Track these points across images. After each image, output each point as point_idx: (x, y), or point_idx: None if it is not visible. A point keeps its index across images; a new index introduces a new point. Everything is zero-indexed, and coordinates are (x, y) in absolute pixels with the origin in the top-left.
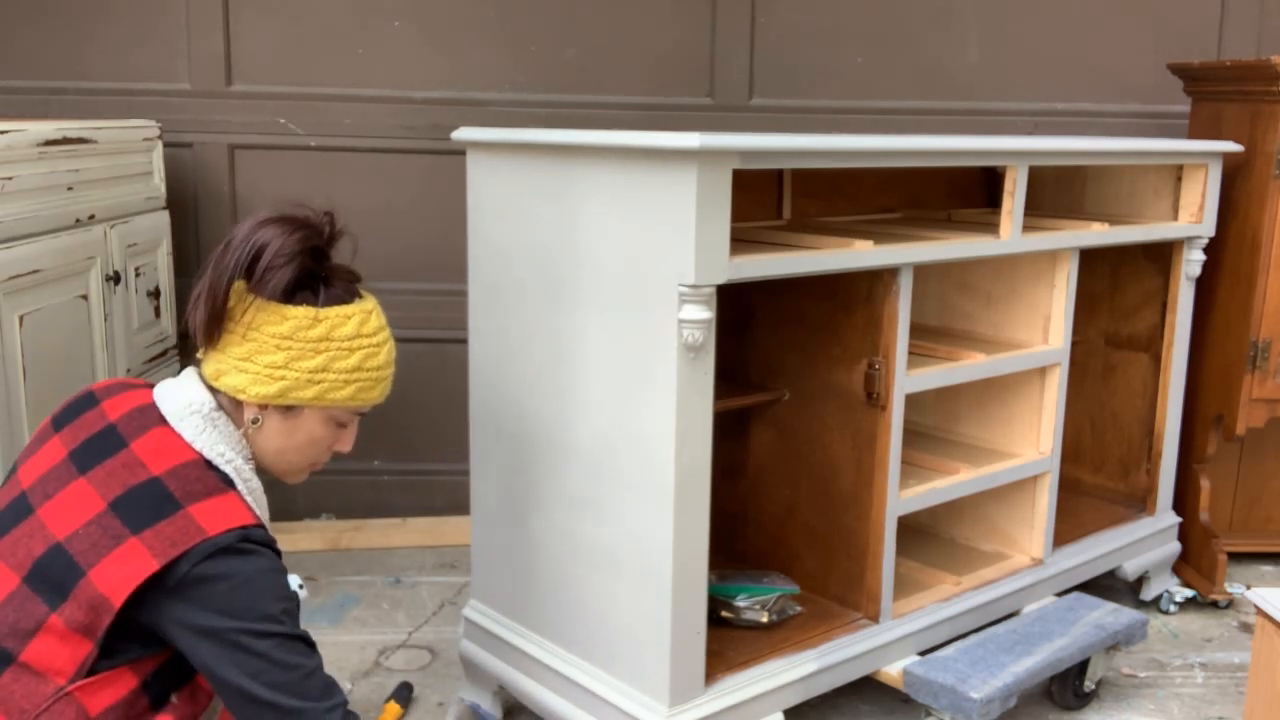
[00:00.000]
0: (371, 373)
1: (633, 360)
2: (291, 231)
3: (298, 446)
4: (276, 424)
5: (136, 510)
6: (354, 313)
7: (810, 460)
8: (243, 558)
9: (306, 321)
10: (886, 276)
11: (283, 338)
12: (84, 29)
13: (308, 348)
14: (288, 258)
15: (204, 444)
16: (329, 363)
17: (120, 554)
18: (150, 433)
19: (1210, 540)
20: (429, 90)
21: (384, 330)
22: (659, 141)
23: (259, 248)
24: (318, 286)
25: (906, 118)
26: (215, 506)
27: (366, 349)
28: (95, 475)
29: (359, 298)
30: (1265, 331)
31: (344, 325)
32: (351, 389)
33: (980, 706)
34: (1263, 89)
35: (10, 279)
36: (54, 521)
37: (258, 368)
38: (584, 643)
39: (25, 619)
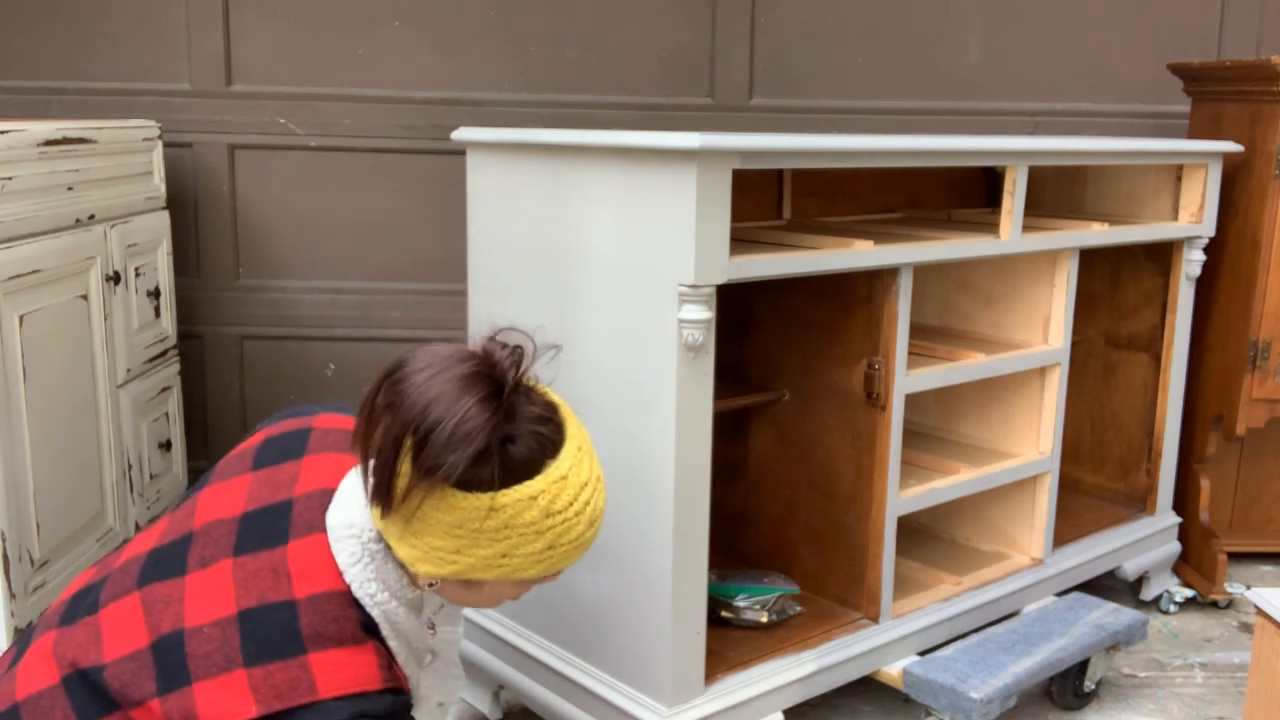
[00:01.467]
0: (565, 547)
1: (633, 360)
2: (471, 405)
3: (483, 600)
4: (457, 588)
5: (259, 636)
6: (542, 490)
7: (810, 460)
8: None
9: (480, 513)
10: (886, 276)
11: (454, 527)
12: (84, 29)
13: (484, 538)
14: (462, 448)
15: (354, 576)
16: (511, 550)
17: (226, 681)
18: (310, 538)
19: (1210, 540)
20: (429, 90)
21: (584, 490)
22: (659, 141)
23: (430, 425)
24: (499, 455)
25: (906, 118)
26: (341, 661)
27: (559, 528)
28: (244, 565)
29: (553, 455)
30: (1265, 331)
31: (528, 510)
32: (541, 567)
33: (980, 706)
34: (1263, 89)
35: (10, 279)
36: (192, 600)
37: (425, 548)
38: (584, 643)
39: (135, 689)
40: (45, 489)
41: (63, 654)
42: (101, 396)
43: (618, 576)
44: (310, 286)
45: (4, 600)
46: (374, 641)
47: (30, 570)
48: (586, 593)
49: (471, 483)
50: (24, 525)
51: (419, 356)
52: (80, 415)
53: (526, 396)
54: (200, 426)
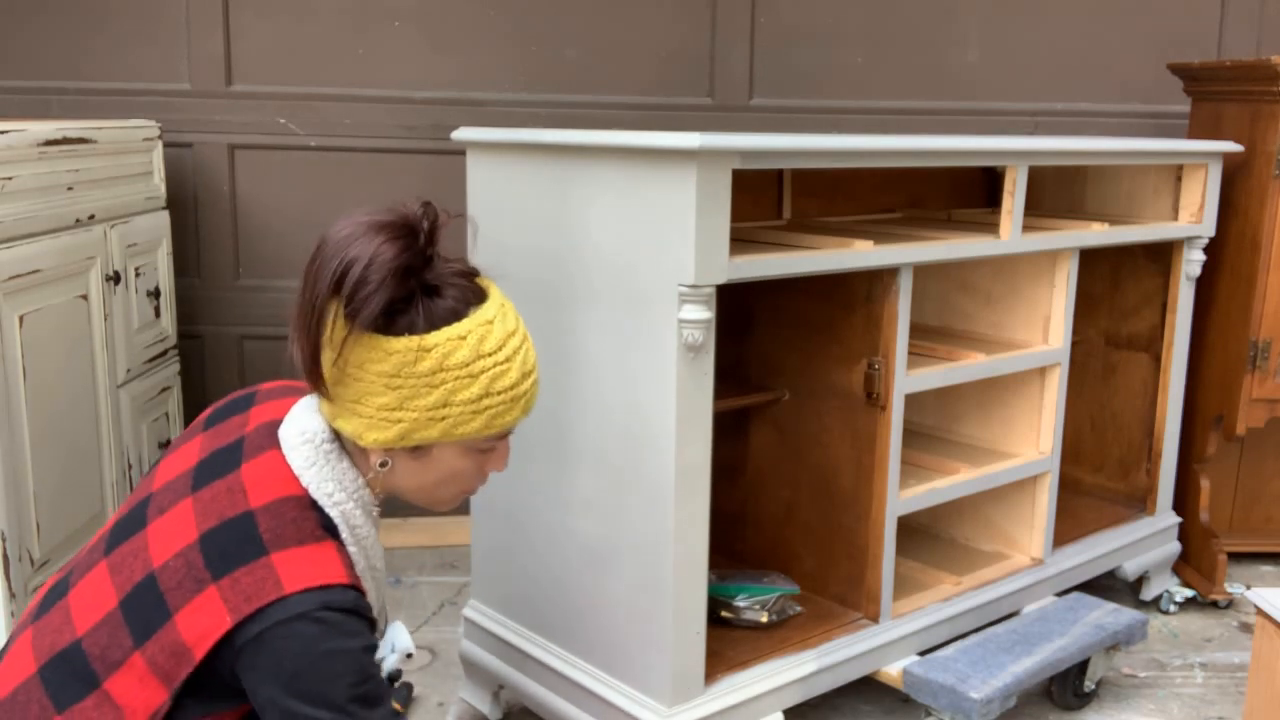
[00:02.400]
0: (502, 395)
1: (633, 360)
2: (382, 242)
3: (439, 482)
4: (408, 464)
5: (222, 550)
6: (469, 330)
7: (810, 460)
8: (315, 629)
9: (411, 355)
10: (886, 276)
11: (390, 376)
12: (84, 29)
13: (421, 384)
14: (379, 281)
15: (311, 479)
16: (449, 396)
17: (201, 602)
18: (263, 455)
19: (1210, 540)
20: (429, 90)
21: (512, 338)
22: (659, 141)
23: (346, 265)
24: (423, 303)
25: (906, 118)
26: (302, 557)
27: (491, 371)
28: (201, 497)
29: (478, 304)
30: (1265, 331)
31: (458, 350)
32: (482, 419)
33: (980, 706)
34: (1263, 89)
35: (10, 279)
36: (155, 544)
37: (370, 411)
38: (584, 643)
39: (114, 649)
40: (45, 489)
41: (39, 645)
42: (101, 396)
43: (617, 576)
44: None
45: (4, 600)
46: (334, 541)
47: (30, 570)
48: (586, 593)
49: (398, 326)
50: (24, 525)
51: (338, 222)
52: (80, 415)
53: (445, 258)
54: None
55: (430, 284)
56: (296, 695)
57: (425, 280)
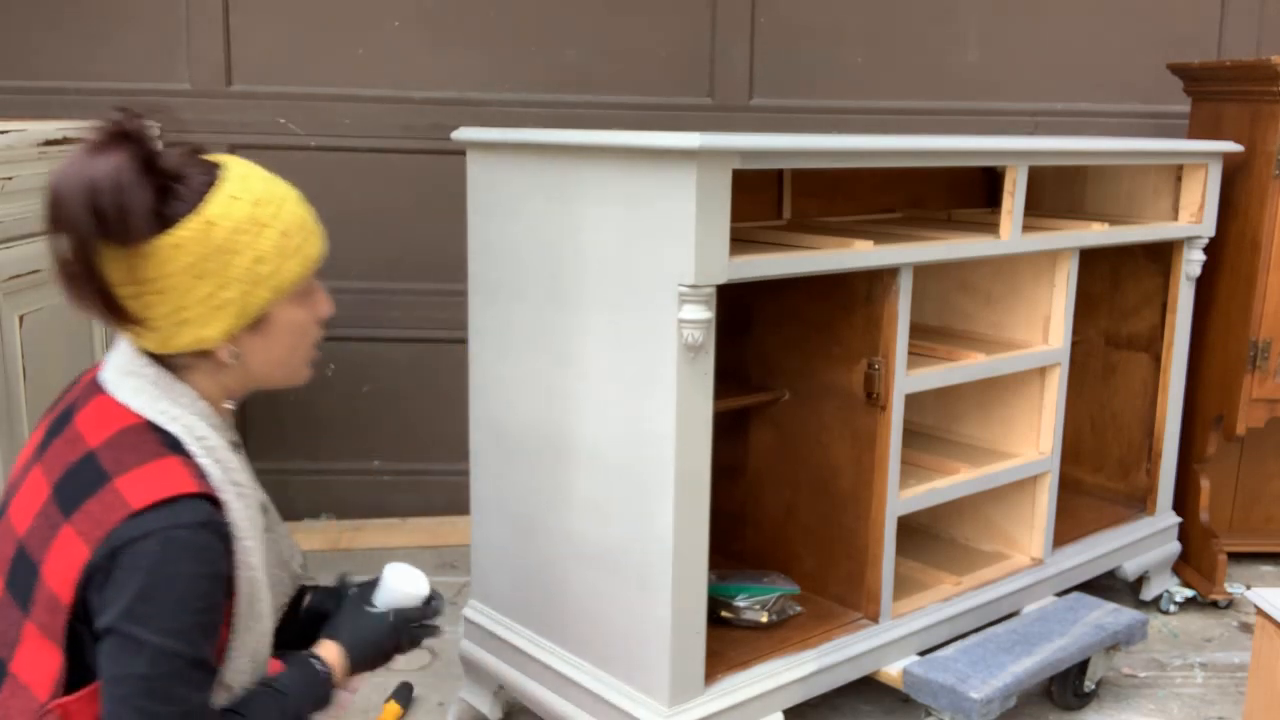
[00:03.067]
0: (296, 229)
1: (633, 360)
2: (106, 158)
3: (290, 345)
4: (256, 344)
5: (72, 491)
6: (230, 188)
7: (810, 460)
8: (165, 549)
9: (201, 233)
10: (886, 276)
11: (194, 264)
12: (84, 29)
13: (224, 255)
14: (129, 187)
15: (142, 404)
16: (255, 253)
17: (59, 544)
18: (92, 402)
19: (1210, 540)
20: (429, 90)
21: (268, 183)
22: (659, 141)
23: (90, 195)
24: (173, 192)
25: (906, 118)
26: (147, 474)
27: (273, 210)
28: (46, 459)
29: (217, 168)
30: (1265, 331)
31: (235, 208)
32: (296, 260)
33: (980, 706)
34: (1263, 89)
35: (10, 279)
36: (17, 517)
37: (196, 310)
38: (584, 643)
39: (10, 628)
40: None
41: None
42: None
43: (618, 576)
44: None
45: None
46: (179, 456)
47: None
48: (586, 593)
49: (170, 218)
50: None
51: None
52: None
53: (165, 149)
54: None
55: (171, 172)
56: (135, 619)
57: (165, 171)
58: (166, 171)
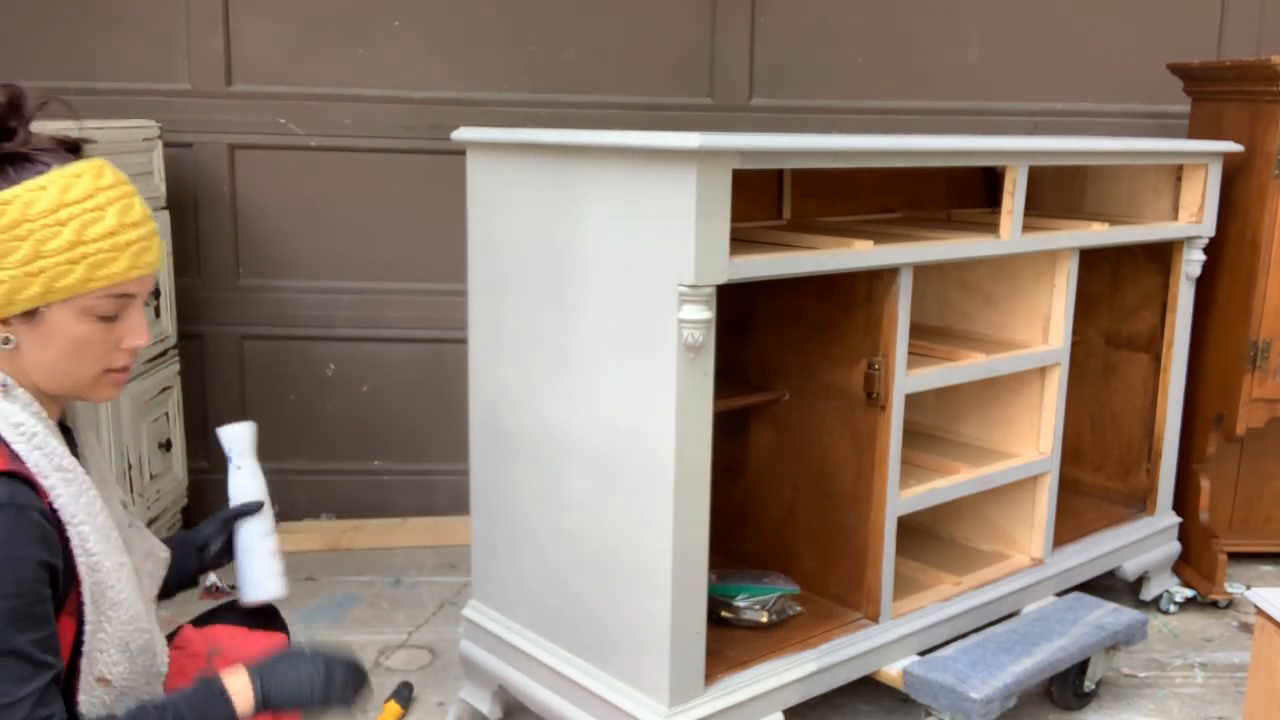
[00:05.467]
0: (98, 243)
1: (633, 360)
2: None
3: (66, 355)
4: (29, 338)
5: None
6: (51, 181)
7: (810, 460)
8: None
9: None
10: (886, 276)
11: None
12: (84, 29)
13: (8, 239)
14: None
15: None
16: (38, 248)
17: None
18: None
19: (1210, 540)
20: (429, 90)
21: (106, 191)
22: (659, 141)
23: None
24: (2, 169)
25: (906, 118)
26: None
27: (80, 218)
28: None
29: (58, 164)
30: (1265, 331)
31: (39, 199)
32: (81, 270)
33: (980, 706)
34: (1263, 89)
35: None
36: None
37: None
38: (584, 643)
39: None
40: None
41: None
42: None
43: (618, 576)
44: (310, 286)
45: None
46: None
47: None
48: (586, 593)
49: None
50: None
51: None
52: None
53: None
54: (200, 426)
55: (14, 153)
56: None
57: (6, 149)
58: (11, 150)
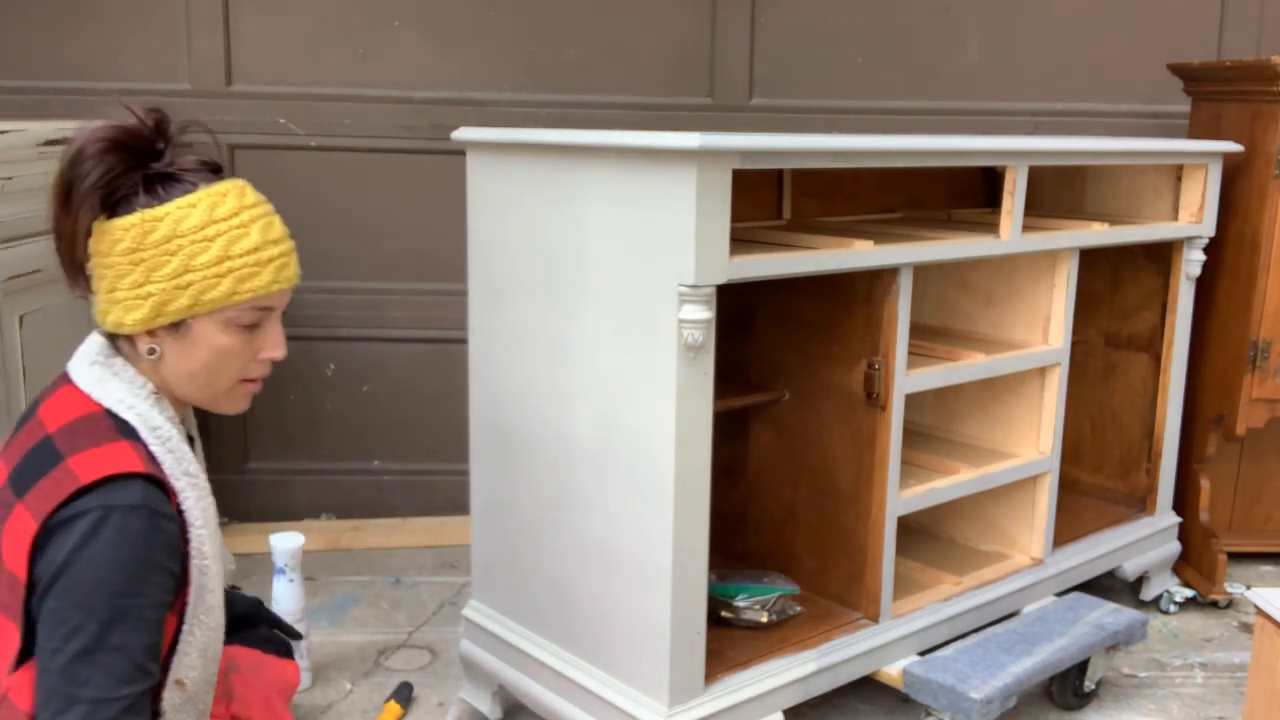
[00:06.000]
0: (244, 258)
1: (633, 360)
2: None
3: (207, 365)
4: (174, 348)
5: (26, 473)
6: (199, 199)
7: (810, 460)
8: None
9: (146, 225)
10: (886, 276)
11: (131, 252)
12: (84, 29)
13: (159, 254)
14: (94, 157)
15: (102, 393)
16: (188, 262)
17: (12, 522)
18: (58, 392)
19: (1210, 540)
20: (429, 90)
21: (248, 210)
22: (659, 141)
23: (66, 161)
24: (154, 187)
25: (906, 118)
26: (98, 455)
27: (227, 234)
28: (7, 450)
29: (205, 183)
30: (1265, 331)
31: (189, 216)
32: (228, 283)
33: (980, 706)
34: (1263, 89)
35: (10, 279)
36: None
37: (124, 293)
38: (584, 643)
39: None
40: None
41: None
42: None
43: (618, 576)
44: (310, 286)
45: None
46: (131, 441)
47: None
48: (586, 593)
49: (132, 206)
50: None
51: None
52: None
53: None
54: (200, 427)
55: (162, 172)
56: (59, 592)
57: (155, 169)
58: (157, 172)
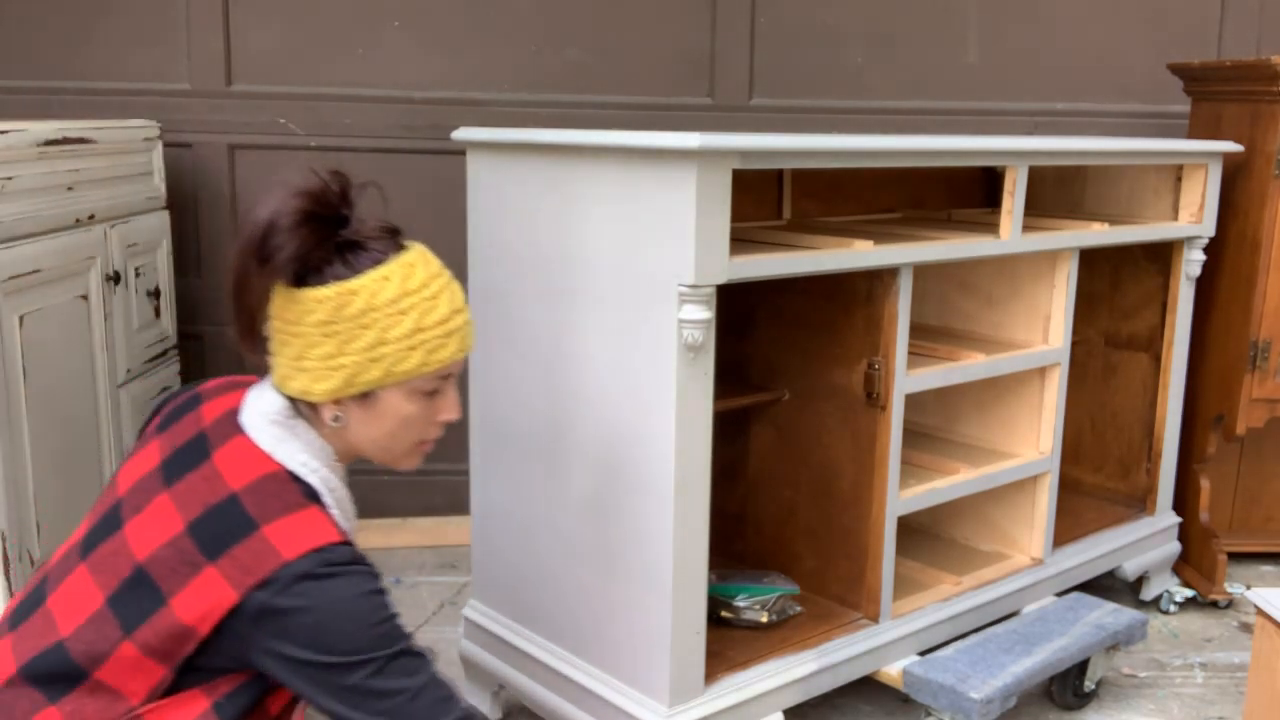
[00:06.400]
0: (434, 330)
1: (632, 360)
2: (287, 198)
3: (392, 432)
4: (359, 415)
5: (213, 533)
6: (392, 272)
7: (810, 460)
8: (323, 584)
9: (341, 299)
10: (886, 276)
11: (325, 324)
12: (84, 29)
13: (354, 326)
14: (288, 229)
15: (284, 454)
16: (382, 335)
17: (199, 583)
18: (232, 442)
19: (1210, 540)
20: (429, 90)
21: (437, 279)
22: (659, 141)
23: (257, 224)
24: (344, 256)
25: (906, 118)
26: (293, 525)
27: (419, 306)
28: (178, 490)
29: (396, 252)
30: (1265, 331)
31: (384, 289)
32: (418, 355)
33: (980, 706)
34: (1263, 89)
35: (10, 279)
36: (137, 540)
37: (313, 363)
38: (584, 643)
39: (101, 641)
40: (45, 489)
41: (20, 650)
42: (101, 397)
43: (618, 576)
44: None
45: (4, 600)
46: (317, 505)
47: (30, 570)
48: (586, 593)
49: (324, 277)
50: (24, 525)
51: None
52: (80, 415)
53: (365, 220)
54: None
55: (350, 240)
56: (321, 649)
57: (344, 236)
58: (345, 240)
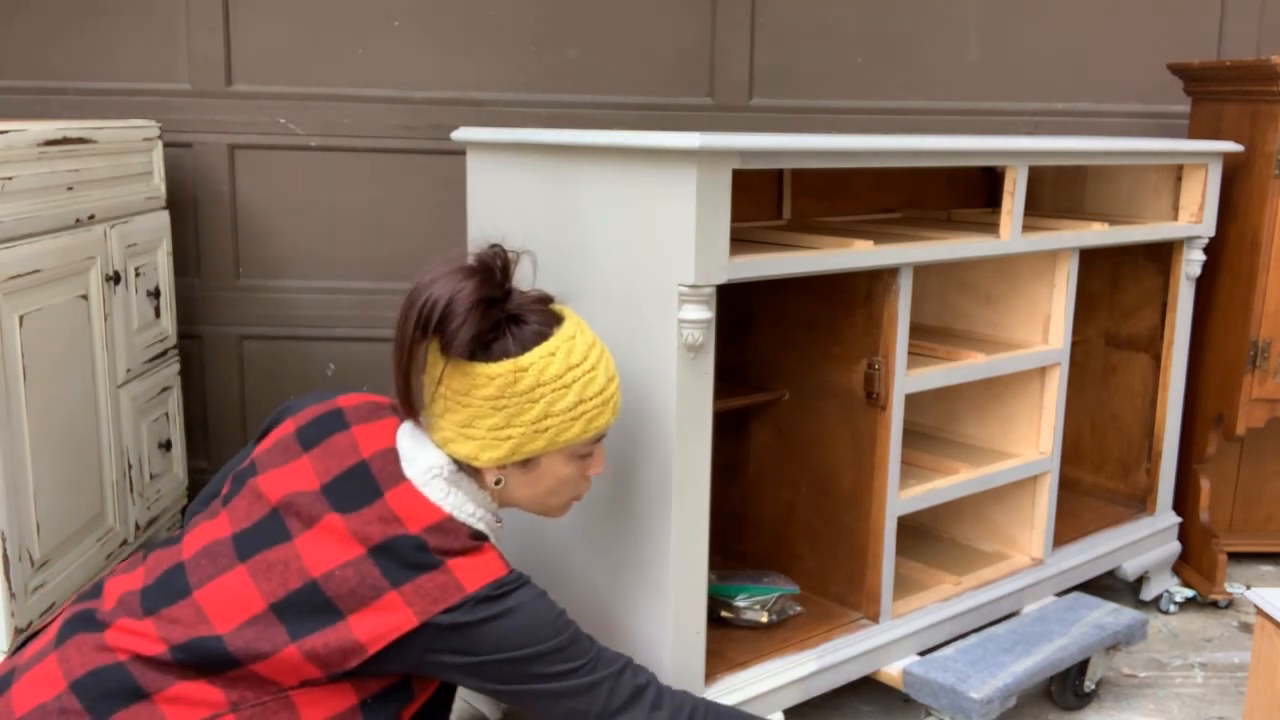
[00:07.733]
0: (594, 400)
1: (632, 360)
2: (461, 280)
3: (550, 490)
4: (519, 478)
5: (398, 562)
6: (557, 347)
7: (810, 460)
8: (503, 599)
9: (511, 376)
10: (886, 276)
11: (495, 398)
12: (84, 29)
13: (523, 401)
14: (464, 314)
15: (452, 506)
16: (548, 409)
17: (381, 605)
18: (401, 487)
19: (1210, 540)
20: (429, 90)
21: (593, 349)
22: (659, 141)
23: (432, 304)
24: (511, 331)
25: (906, 118)
26: (473, 562)
27: (582, 379)
28: (352, 520)
29: (558, 324)
30: (1265, 331)
31: (550, 365)
32: (580, 424)
33: (980, 706)
34: (1263, 89)
35: (10, 279)
36: (311, 556)
37: (481, 433)
38: None
39: (263, 642)
40: (45, 489)
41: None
42: (101, 397)
43: (618, 576)
44: (310, 286)
45: (4, 600)
46: (489, 545)
47: (30, 570)
48: (586, 592)
49: (494, 353)
50: (24, 525)
51: (422, 270)
52: (80, 415)
53: (520, 290)
54: (200, 427)
55: (513, 314)
56: (509, 649)
57: (508, 311)
58: (508, 314)
